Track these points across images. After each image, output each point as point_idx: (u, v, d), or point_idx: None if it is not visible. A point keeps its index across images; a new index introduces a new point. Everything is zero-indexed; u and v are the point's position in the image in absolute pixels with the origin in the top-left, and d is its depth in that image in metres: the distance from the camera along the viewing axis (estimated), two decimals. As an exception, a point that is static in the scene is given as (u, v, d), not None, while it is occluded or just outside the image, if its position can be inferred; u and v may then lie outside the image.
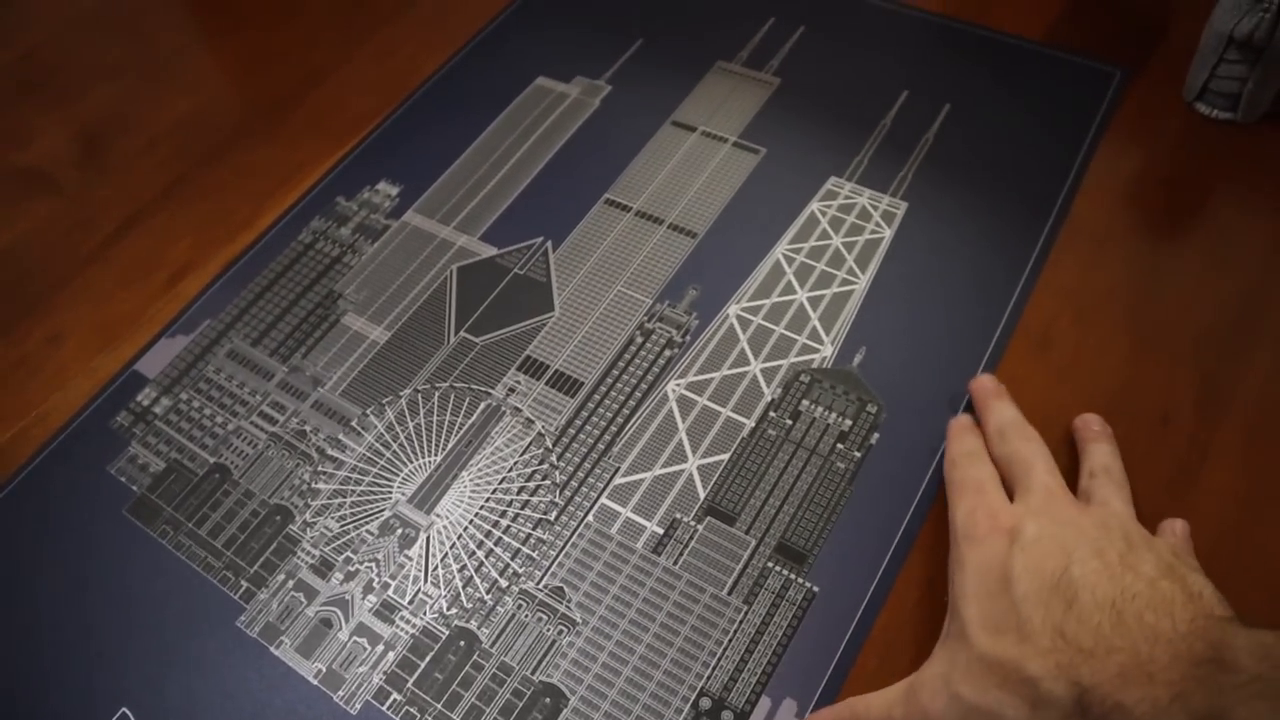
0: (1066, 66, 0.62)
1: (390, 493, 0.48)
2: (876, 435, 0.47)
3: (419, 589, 0.45)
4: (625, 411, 0.50)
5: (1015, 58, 0.63)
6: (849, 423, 0.48)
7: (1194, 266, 0.53)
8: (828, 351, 0.51)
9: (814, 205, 0.57)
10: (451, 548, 0.46)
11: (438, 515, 0.47)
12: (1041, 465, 0.41)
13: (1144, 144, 0.59)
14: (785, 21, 0.67)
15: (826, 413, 0.48)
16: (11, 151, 0.70)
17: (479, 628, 0.44)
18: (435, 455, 0.49)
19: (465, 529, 0.46)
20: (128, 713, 0.43)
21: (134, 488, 0.50)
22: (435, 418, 0.50)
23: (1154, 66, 0.62)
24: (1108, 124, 0.59)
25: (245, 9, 0.78)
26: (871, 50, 0.65)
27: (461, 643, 0.43)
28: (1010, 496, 0.41)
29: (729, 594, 0.43)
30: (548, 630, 0.43)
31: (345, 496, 0.48)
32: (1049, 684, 0.32)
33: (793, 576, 0.44)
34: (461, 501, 0.47)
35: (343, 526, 0.47)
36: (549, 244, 0.57)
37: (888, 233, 0.55)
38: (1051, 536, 0.37)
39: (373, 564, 0.46)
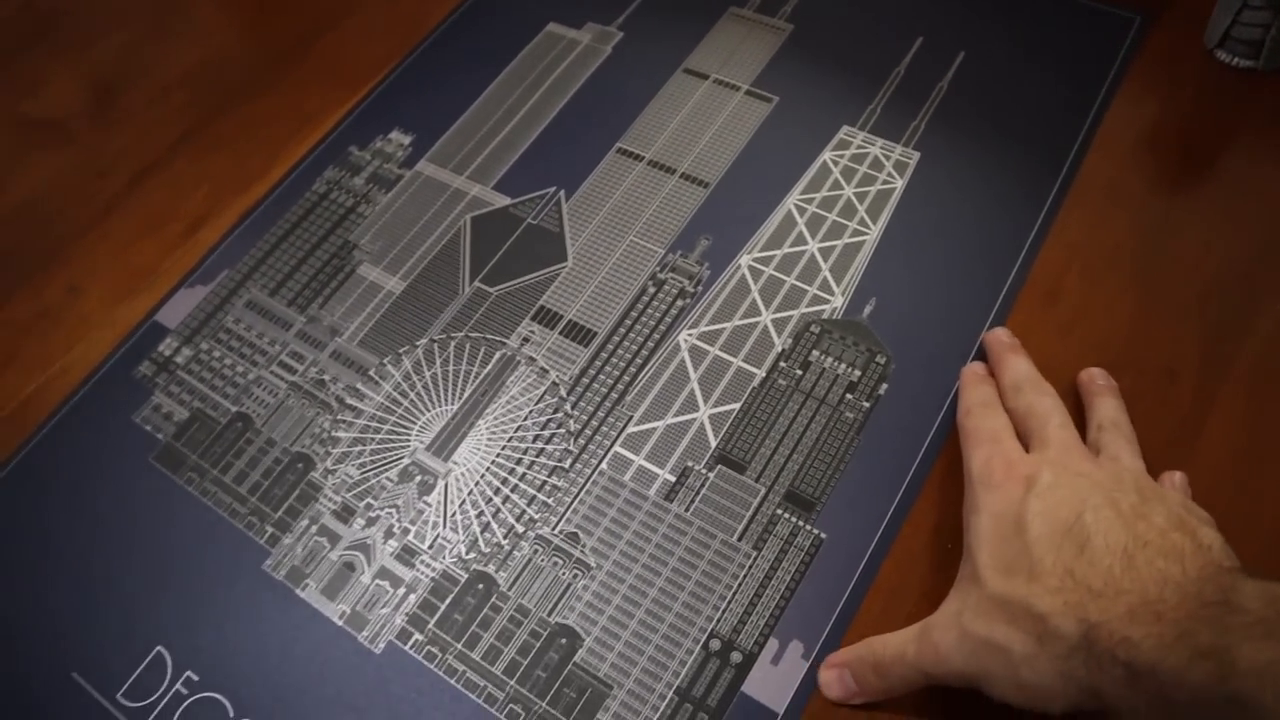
0: (1083, 12, 0.62)
1: (409, 440, 0.49)
2: (885, 386, 0.48)
3: (438, 534, 0.46)
4: (638, 361, 0.51)
5: (1032, 2, 0.63)
6: (858, 373, 0.49)
7: (1205, 220, 0.53)
8: (838, 302, 0.51)
9: (826, 155, 0.57)
10: (469, 494, 0.47)
11: (455, 463, 0.48)
12: (1057, 419, 0.42)
13: (1160, 94, 0.58)
14: (799, -35, 0.67)
15: (836, 363, 0.49)
16: (23, 101, 0.70)
17: (497, 571, 0.45)
18: (452, 404, 0.50)
19: (482, 476, 0.48)
20: (163, 651, 0.44)
21: (159, 436, 0.51)
22: (451, 367, 0.51)
23: (1172, 12, 0.61)
24: (1124, 73, 0.59)
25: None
26: (885, -5, 0.64)
27: (480, 586, 0.45)
28: (1025, 448, 0.42)
29: (739, 540, 0.45)
30: (563, 574, 0.45)
31: (365, 444, 0.50)
32: (1057, 620, 0.33)
33: (801, 523, 0.45)
34: (478, 449, 0.49)
35: (363, 473, 0.49)
36: (562, 194, 0.57)
37: (900, 183, 0.55)
38: (1066, 484, 0.37)
39: (393, 510, 0.47)
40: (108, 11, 0.75)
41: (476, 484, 0.47)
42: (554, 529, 0.46)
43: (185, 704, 0.43)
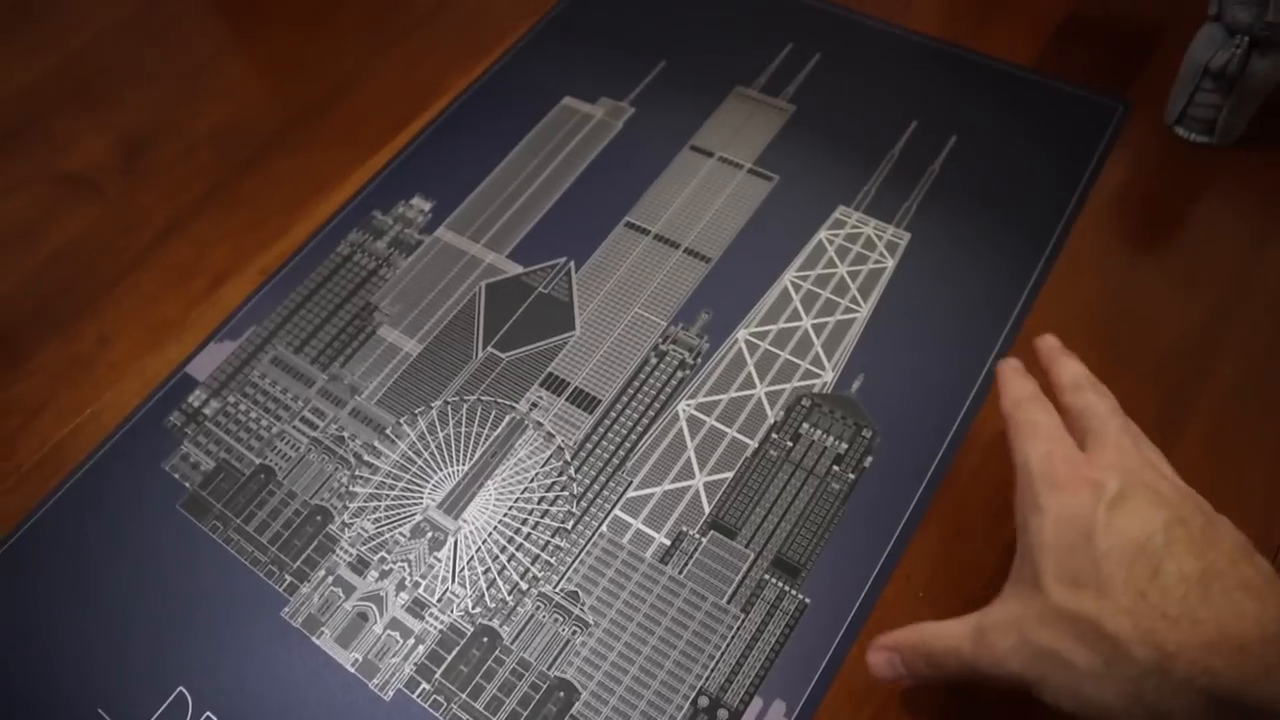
0: (1070, 100, 0.65)
1: (421, 498, 0.52)
2: (870, 459, 0.51)
3: (447, 588, 0.49)
4: (639, 429, 0.54)
5: (1021, 89, 0.66)
6: (845, 446, 0.52)
7: (1164, 286, 0.57)
8: (829, 377, 0.55)
9: (822, 233, 0.61)
10: (477, 551, 0.50)
11: (465, 521, 0.51)
12: (1117, 421, 0.41)
13: (1131, 168, 0.62)
14: (802, 48, 0.71)
15: (824, 436, 0.52)
16: (57, 157, 0.74)
17: (501, 626, 0.48)
18: (463, 464, 0.53)
19: (490, 534, 0.51)
20: (184, 691, 0.47)
21: (186, 484, 0.54)
22: (463, 429, 0.55)
23: (1139, 90, 0.65)
24: (1107, 156, 0.63)
25: (273, 16, 0.81)
26: (884, 78, 0.68)
27: (485, 639, 0.48)
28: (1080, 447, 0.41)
29: (728, 602, 0.48)
30: (563, 630, 0.48)
31: (380, 500, 0.53)
32: (1130, 644, 0.33)
33: (787, 588, 0.48)
34: (486, 509, 0.52)
35: (378, 528, 0.52)
36: (572, 264, 0.61)
37: (890, 263, 0.59)
38: (1136, 496, 0.36)
39: (405, 564, 0.50)
40: (138, 71, 0.79)
41: (484, 542, 0.51)
42: (555, 587, 0.49)
43: (205, 743, 0.46)
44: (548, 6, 0.77)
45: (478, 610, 0.49)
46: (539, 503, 0.52)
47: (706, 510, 0.51)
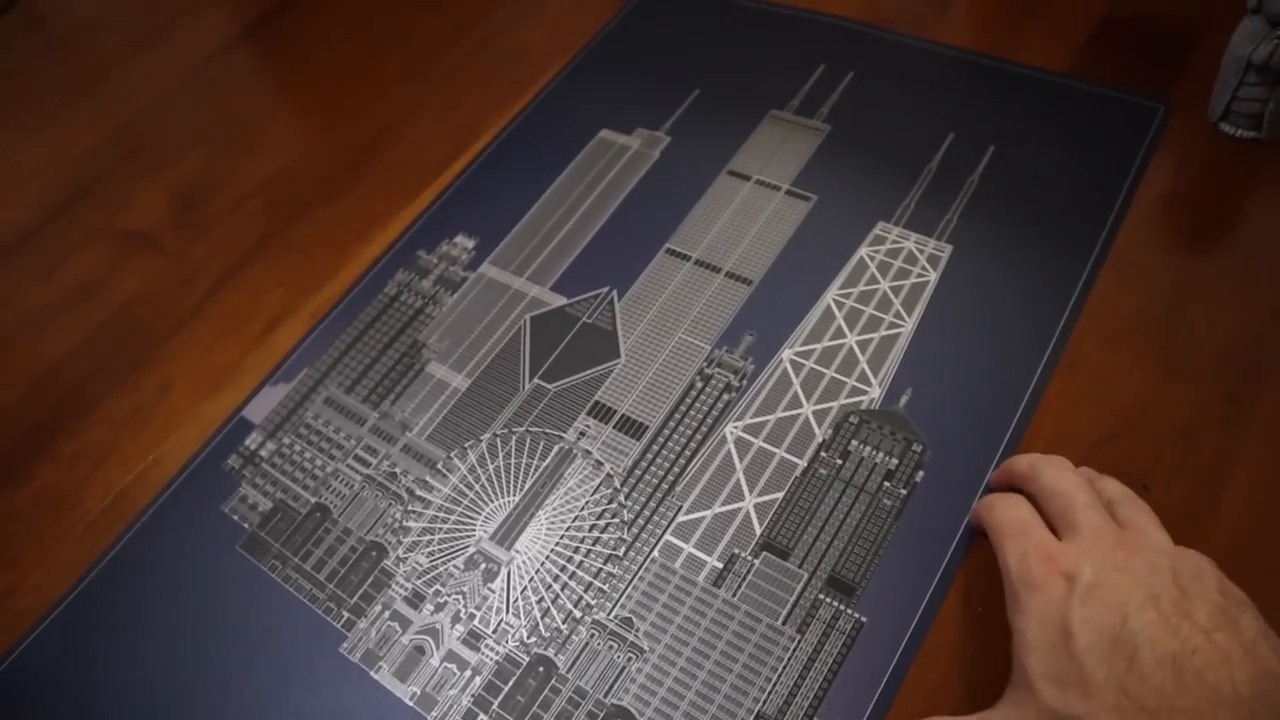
0: (1109, 103, 0.65)
1: (474, 530, 0.53)
2: (921, 473, 0.51)
3: (501, 619, 0.50)
4: (687, 453, 0.54)
5: (1058, 95, 0.66)
6: (895, 461, 0.51)
7: (1220, 286, 0.55)
8: (876, 393, 0.54)
9: (863, 250, 0.60)
10: (530, 581, 0.51)
11: (517, 551, 0.52)
12: (1083, 497, 0.42)
13: (1175, 169, 0.61)
14: (834, 68, 0.71)
15: (874, 452, 0.52)
16: (118, 214, 0.76)
17: (556, 654, 0.48)
18: (514, 495, 0.54)
19: (542, 564, 0.51)
20: (248, 731, 0.48)
21: (245, 525, 0.55)
22: (513, 460, 0.55)
23: (1179, 90, 0.64)
24: (1150, 159, 0.62)
25: (316, 69, 0.84)
26: (918, 93, 0.68)
27: (541, 668, 0.48)
28: (1055, 533, 0.42)
29: (783, 624, 0.47)
30: (618, 657, 0.47)
31: (433, 534, 0.53)
32: None
33: (842, 608, 0.47)
34: (538, 538, 0.52)
35: (432, 561, 0.52)
36: (614, 293, 0.61)
37: (933, 276, 0.58)
38: (1107, 584, 0.38)
39: (459, 596, 0.51)
40: (190, 130, 0.81)
41: (537, 571, 0.51)
42: (609, 614, 0.49)
43: (270, 780, 0.47)
44: (581, 43, 0.78)
45: (533, 640, 0.49)
46: (590, 530, 0.52)
47: (758, 532, 0.50)
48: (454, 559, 0.52)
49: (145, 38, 0.91)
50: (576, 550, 0.51)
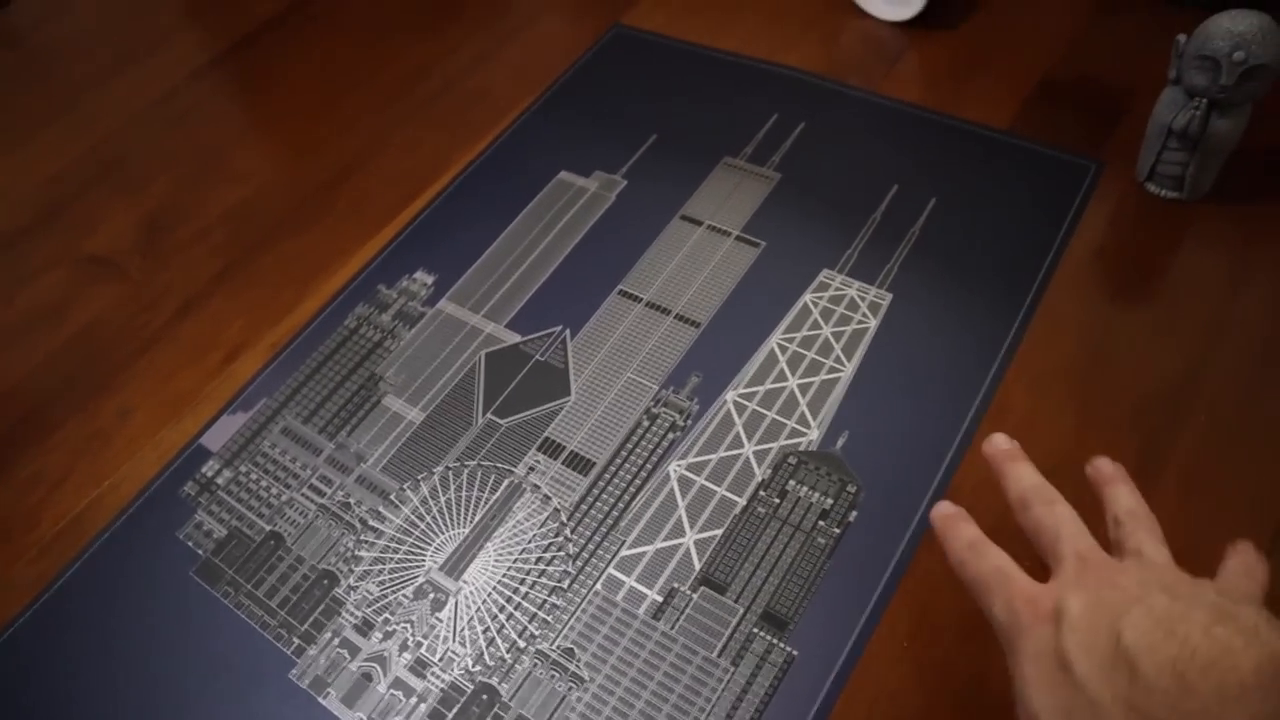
0: (1045, 160, 0.68)
1: (424, 560, 0.54)
2: (855, 513, 0.53)
3: (448, 648, 0.51)
4: (632, 490, 0.56)
5: (997, 151, 0.69)
6: (830, 501, 0.54)
7: (1140, 338, 0.59)
8: (814, 435, 0.57)
9: (807, 296, 0.63)
10: (477, 611, 0.52)
11: (465, 581, 0.53)
12: (1068, 529, 0.41)
13: (1105, 225, 0.64)
14: (787, 118, 0.74)
15: (810, 492, 0.54)
16: (84, 239, 0.78)
17: (500, 683, 0.50)
18: (464, 527, 0.55)
19: (489, 594, 0.53)
20: (196, 755, 0.49)
21: (200, 551, 0.57)
22: (464, 493, 0.57)
23: (1111, 149, 0.68)
24: (1081, 214, 0.65)
25: (286, 103, 0.86)
26: (865, 145, 0.71)
27: (484, 696, 0.49)
28: (1045, 564, 0.41)
29: (719, 656, 0.49)
30: (559, 686, 0.49)
31: (384, 563, 0.55)
32: None
33: (775, 641, 0.49)
34: (486, 569, 0.54)
35: (382, 590, 0.54)
36: (567, 332, 0.63)
37: (873, 323, 0.61)
38: (1095, 606, 0.36)
39: (408, 625, 0.52)
40: (158, 157, 0.83)
41: (484, 601, 0.52)
42: (552, 644, 0.51)
43: (216, 804, 0.48)
44: (543, 86, 0.81)
45: (478, 668, 0.50)
46: (536, 563, 0.54)
47: (697, 567, 0.52)
48: (404, 588, 0.54)
49: (118, 62, 0.93)
50: (523, 582, 0.53)
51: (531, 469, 0.57)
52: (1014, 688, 0.38)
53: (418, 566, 0.54)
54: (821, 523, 0.53)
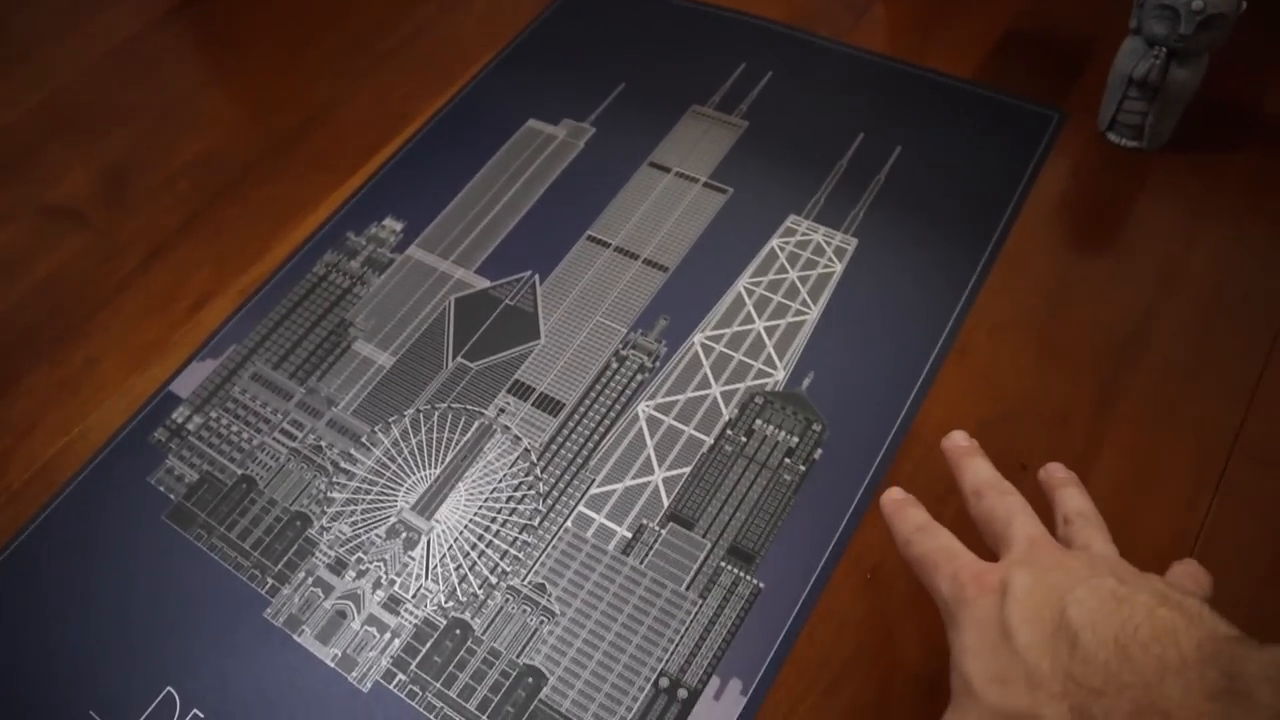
0: (1008, 109, 0.69)
1: (396, 501, 0.55)
2: (820, 451, 0.54)
3: (420, 585, 0.52)
4: (601, 429, 0.57)
5: (962, 101, 0.70)
6: (796, 439, 0.55)
7: (1098, 285, 0.60)
8: (780, 376, 0.58)
9: (774, 241, 0.64)
10: (449, 549, 0.53)
11: (437, 521, 0.54)
12: (1020, 516, 0.41)
13: (1066, 174, 0.66)
14: (754, 67, 0.74)
15: (776, 431, 0.55)
16: (45, 190, 0.77)
17: (472, 618, 0.51)
18: (435, 468, 0.56)
19: (461, 533, 0.53)
20: (172, 691, 0.50)
21: (171, 496, 0.57)
22: (435, 435, 0.57)
23: (1074, 99, 0.69)
24: (1044, 163, 0.66)
25: (250, 51, 0.85)
26: (832, 94, 0.72)
27: (457, 631, 0.50)
28: (995, 552, 0.41)
29: (686, 589, 0.50)
30: (531, 620, 0.50)
31: (357, 504, 0.55)
32: None
33: (741, 574, 0.51)
34: (458, 509, 0.54)
35: (354, 531, 0.54)
36: (536, 277, 0.64)
37: (839, 267, 0.62)
38: (1042, 582, 0.36)
39: (381, 563, 0.53)
40: (119, 106, 0.82)
41: (455, 540, 0.53)
42: (524, 580, 0.52)
43: (193, 738, 0.49)
44: (511, 35, 0.80)
45: (450, 604, 0.51)
46: (507, 502, 0.54)
47: (666, 504, 0.53)
48: (376, 528, 0.54)
49: (69, 13, 0.91)
50: (494, 520, 0.54)
51: (502, 410, 0.58)
52: (952, 660, 0.38)
53: (390, 507, 0.55)
54: (787, 460, 0.54)
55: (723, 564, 0.51)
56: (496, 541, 0.53)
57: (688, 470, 0.55)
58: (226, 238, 0.71)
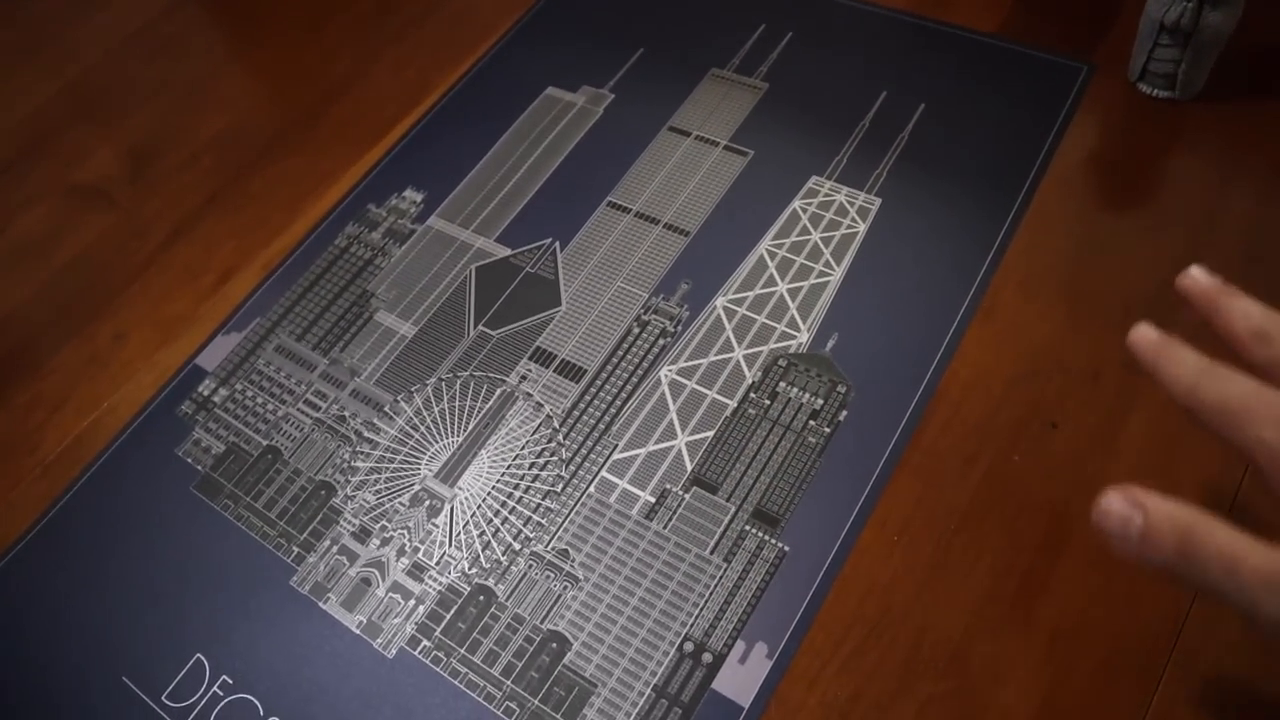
0: (1034, 63, 0.67)
1: (419, 469, 0.55)
2: (845, 413, 0.54)
3: (444, 552, 0.52)
4: (623, 395, 0.56)
5: (986, 55, 0.68)
6: (820, 402, 0.54)
7: (1130, 238, 0.58)
8: (804, 338, 0.57)
9: (796, 203, 0.63)
10: (472, 516, 0.53)
11: (460, 488, 0.54)
12: None
13: (1095, 128, 0.64)
14: (774, 28, 0.73)
15: (801, 393, 0.55)
16: (72, 170, 0.77)
17: (496, 584, 0.50)
18: (458, 436, 0.56)
19: (484, 500, 0.53)
20: (202, 658, 0.50)
21: (199, 468, 0.57)
22: (457, 403, 0.57)
23: (1102, 51, 0.67)
24: (1072, 117, 0.64)
25: (269, 28, 0.85)
26: (853, 53, 0.70)
27: (481, 597, 0.50)
28: None
29: (711, 553, 0.50)
30: (554, 586, 0.50)
31: (380, 473, 0.55)
32: None
33: (766, 538, 0.50)
34: (480, 476, 0.54)
35: (379, 499, 0.54)
36: (557, 244, 0.63)
37: (862, 228, 0.61)
38: None
39: (404, 531, 0.53)
40: (142, 86, 0.82)
41: (479, 507, 0.53)
42: (547, 546, 0.51)
43: (220, 705, 0.49)
44: (527, 5, 0.80)
45: (474, 571, 0.51)
46: (530, 468, 0.54)
47: (689, 468, 0.53)
48: (400, 496, 0.54)
49: (89, -1, 0.92)
50: (516, 487, 0.54)
51: (524, 378, 0.58)
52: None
53: (413, 475, 0.55)
54: (812, 422, 0.54)
55: (747, 528, 0.51)
56: (519, 508, 0.53)
57: (711, 434, 0.54)
58: (249, 213, 0.71)
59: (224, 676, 0.50)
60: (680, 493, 0.52)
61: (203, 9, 0.89)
